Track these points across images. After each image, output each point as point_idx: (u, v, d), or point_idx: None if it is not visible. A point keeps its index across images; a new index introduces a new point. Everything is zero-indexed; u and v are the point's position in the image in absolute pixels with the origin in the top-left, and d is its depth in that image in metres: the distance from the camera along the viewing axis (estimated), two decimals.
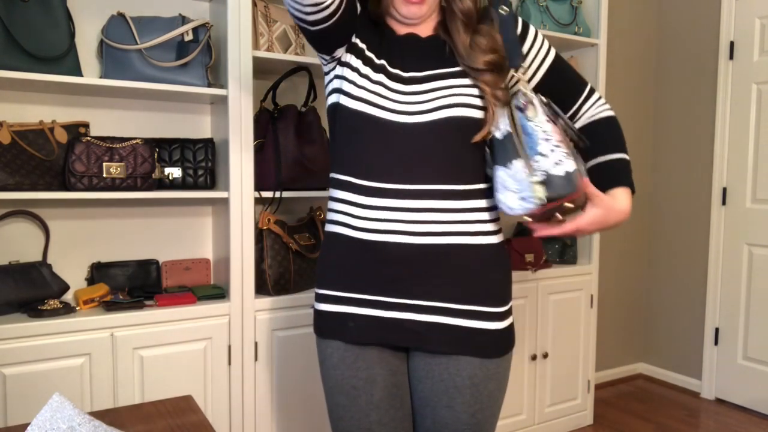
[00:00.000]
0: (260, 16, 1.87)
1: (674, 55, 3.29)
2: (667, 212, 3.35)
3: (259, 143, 1.87)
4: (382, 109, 1.08)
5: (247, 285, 1.80)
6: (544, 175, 0.97)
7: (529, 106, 1.01)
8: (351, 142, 1.11)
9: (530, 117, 1.00)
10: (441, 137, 1.08)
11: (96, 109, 1.83)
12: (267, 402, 1.85)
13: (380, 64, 1.11)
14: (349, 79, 1.11)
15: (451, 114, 1.07)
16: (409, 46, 1.14)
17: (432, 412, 1.14)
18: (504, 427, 2.41)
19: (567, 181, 0.97)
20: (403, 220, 1.06)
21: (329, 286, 1.16)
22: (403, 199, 1.06)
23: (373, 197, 1.07)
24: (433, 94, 1.09)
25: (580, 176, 0.99)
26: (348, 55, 1.14)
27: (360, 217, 1.09)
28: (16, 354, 1.50)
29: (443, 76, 1.10)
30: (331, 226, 1.17)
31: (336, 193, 1.14)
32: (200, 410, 1.08)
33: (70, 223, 1.82)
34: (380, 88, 1.09)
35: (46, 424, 0.81)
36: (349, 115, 1.10)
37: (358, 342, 1.13)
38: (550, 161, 0.97)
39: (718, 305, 3.09)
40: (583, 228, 1.08)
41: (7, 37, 1.52)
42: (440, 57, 1.13)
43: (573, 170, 0.96)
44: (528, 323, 2.43)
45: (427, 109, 1.08)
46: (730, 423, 2.81)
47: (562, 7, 2.52)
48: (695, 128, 3.20)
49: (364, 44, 1.14)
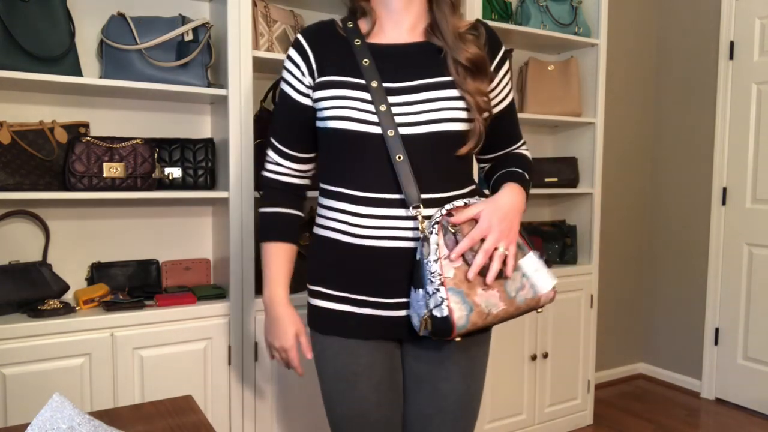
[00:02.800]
0: (260, 16, 1.87)
1: (674, 55, 3.29)
2: (667, 212, 3.35)
3: (259, 143, 1.87)
4: (367, 124, 1.10)
5: (247, 285, 1.80)
6: (429, 312, 1.03)
7: (425, 244, 1.05)
8: (343, 158, 1.14)
9: (424, 254, 1.04)
10: (428, 150, 1.11)
11: (96, 109, 1.83)
12: (267, 402, 1.85)
13: (357, 82, 1.12)
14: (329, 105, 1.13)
15: (437, 129, 1.11)
16: (397, 56, 1.15)
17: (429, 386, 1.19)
18: (504, 427, 2.41)
19: (444, 324, 1.02)
20: (398, 227, 1.10)
21: (327, 285, 1.18)
22: (396, 208, 1.10)
23: (369, 206, 1.11)
24: (423, 106, 1.10)
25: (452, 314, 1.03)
26: (319, 92, 1.15)
27: (357, 225, 1.12)
28: (16, 354, 1.50)
29: (433, 86, 1.12)
30: (324, 231, 1.19)
31: (329, 202, 1.17)
32: (200, 410, 1.08)
33: (70, 223, 1.82)
34: (363, 104, 1.10)
35: (46, 424, 0.81)
36: (338, 135, 1.12)
37: (359, 337, 1.16)
38: (432, 302, 1.03)
39: (718, 305, 3.09)
40: (483, 228, 1.07)
41: (7, 37, 1.52)
42: (431, 65, 1.13)
43: (447, 315, 1.01)
44: (528, 323, 2.43)
45: (417, 121, 1.10)
46: (730, 423, 2.81)
47: (562, 7, 2.52)
48: (695, 128, 3.20)
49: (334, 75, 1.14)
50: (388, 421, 1.19)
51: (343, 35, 1.17)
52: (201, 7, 1.95)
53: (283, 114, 1.22)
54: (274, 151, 1.25)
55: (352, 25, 1.18)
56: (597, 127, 2.63)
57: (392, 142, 1.08)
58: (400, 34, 1.17)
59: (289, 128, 1.22)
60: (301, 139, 1.22)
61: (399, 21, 1.16)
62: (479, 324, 1.04)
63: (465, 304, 1.02)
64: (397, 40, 1.16)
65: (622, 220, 3.31)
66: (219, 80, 1.87)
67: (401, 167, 1.08)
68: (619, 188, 3.27)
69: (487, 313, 1.05)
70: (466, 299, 1.03)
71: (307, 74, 1.17)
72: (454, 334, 1.03)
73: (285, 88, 1.20)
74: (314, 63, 1.16)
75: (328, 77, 1.14)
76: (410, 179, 1.08)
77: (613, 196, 3.22)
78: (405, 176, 1.08)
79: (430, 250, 1.04)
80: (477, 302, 1.04)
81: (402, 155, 1.08)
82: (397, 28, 1.17)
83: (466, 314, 1.02)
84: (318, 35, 1.18)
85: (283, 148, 1.23)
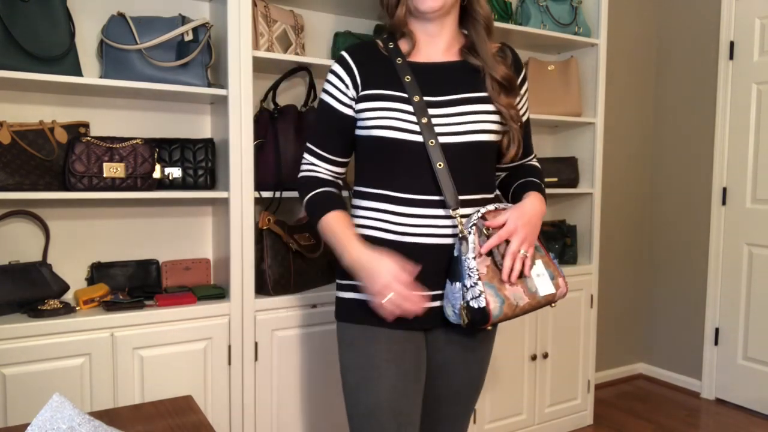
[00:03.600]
0: (260, 16, 1.87)
1: (674, 55, 3.29)
2: (667, 212, 3.35)
3: (259, 143, 1.87)
4: (410, 133, 1.22)
5: (247, 285, 1.80)
6: (466, 303, 1.17)
7: (463, 243, 1.19)
8: (386, 163, 1.25)
9: (462, 252, 1.18)
10: (464, 157, 1.24)
11: (96, 109, 1.83)
12: (267, 402, 1.85)
13: (401, 95, 1.24)
14: (375, 116, 1.24)
15: (476, 139, 1.25)
16: (436, 73, 1.28)
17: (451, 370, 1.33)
18: (504, 427, 2.41)
19: (481, 314, 1.15)
20: (436, 225, 1.23)
21: None
22: (435, 208, 1.22)
23: (410, 207, 1.23)
24: (461, 118, 1.24)
25: None
26: (363, 104, 1.27)
27: (398, 224, 1.24)
28: (16, 354, 1.50)
29: (470, 100, 1.25)
30: (364, 230, 1.28)
31: (368, 203, 1.28)
32: (200, 410, 1.08)
33: (70, 223, 1.82)
34: (407, 115, 1.22)
35: (46, 424, 0.81)
36: (384, 144, 1.24)
37: (391, 326, 1.23)
38: (470, 294, 1.16)
39: (718, 305, 3.09)
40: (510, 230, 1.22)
41: (7, 37, 1.52)
42: (468, 81, 1.27)
43: (483, 306, 1.15)
44: (528, 323, 2.43)
45: (456, 131, 1.23)
46: (730, 423, 2.81)
47: (562, 7, 2.52)
48: (695, 128, 3.20)
49: (378, 89, 1.26)
50: (408, 414, 1.24)
51: (385, 54, 1.30)
52: (201, 7, 1.95)
53: (322, 122, 1.34)
54: (310, 154, 1.36)
55: (393, 45, 1.30)
56: (597, 127, 2.63)
57: (433, 151, 1.21)
58: (436, 53, 1.30)
59: (328, 135, 1.33)
60: (339, 146, 1.33)
61: (435, 42, 1.30)
62: (509, 315, 1.18)
63: (498, 297, 1.17)
64: (434, 59, 1.30)
65: (622, 220, 3.31)
66: (219, 80, 1.87)
67: (441, 173, 1.21)
68: (619, 188, 3.27)
69: (516, 305, 1.19)
70: (498, 293, 1.17)
71: (351, 87, 1.28)
72: (490, 323, 1.16)
73: (327, 99, 1.32)
74: (359, 78, 1.28)
75: (373, 90, 1.26)
76: (449, 184, 1.21)
77: (613, 196, 3.22)
78: (445, 181, 1.20)
79: (469, 248, 1.18)
80: (507, 295, 1.18)
81: (442, 163, 1.21)
82: (434, 49, 1.30)
83: (499, 305, 1.17)
84: (362, 53, 1.31)
85: (321, 151, 1.34)
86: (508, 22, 2.41)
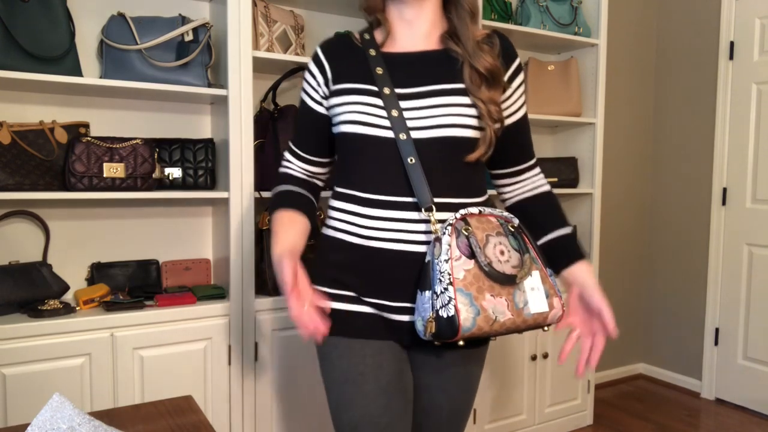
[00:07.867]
0: (260, 16, 1.87)
1: (674, 55, 3.29)
2: (667, 212, 3.35)
3: (259, 143, 1.87)
4: (380, 128, 1.12)
5: (247, 285, 1.80)
6: (435, 313, 1.02)
7: (436, 244, 1.05)
8: (355, 161, 1.17)
9: (435, 254, 1.04)
10: (439, 154, 1.12)
11: (96, 109, 1.83)
12: (267, 402, 1.85)
13: (370, 89, 1.15)
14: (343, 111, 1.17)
15: (450, 134, 1.12)
16: (411, 64, 1.17)
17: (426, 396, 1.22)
18: (504, 427, 2.41)
19: (449, 324, 1.00)
20: (407, 230, 1.11)
21: (332, 285, 1.18)
22: (407, 211, 1.11)
23: (378, 209, 1.13)
24: (434, 111, 1.12)
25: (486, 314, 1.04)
26: (333, 99, 1.19)
27: (364, 226, 1.14)
28: (16, 354, 1.50)
29: (445, 92, 1.13)
30: (332, 231, 1.20)
31: (338, 203, 1.20)
32: (200, 410, 1.08)
33: (70, 223, 1.82)
34: (375, 109, 1.13)
35: (46, 424, 0.81)
36: (351, 139, 1.16)
37: (364, 337, 1.15)
38: (439, 302, 1.02)
39: (718, 305, 3.09)
40: (580, 324, 1.21)
41: (7, 37, 1.52)
42: (444, 72, 1.15)
43: (453, 314, 1.00)
44: None
45: (426, 125, 1.12)
46: (730, 423, 2.81)
47: (562, 7, 2.52)
48: (695, 128, 3.20)
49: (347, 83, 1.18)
50: (393, 428, 1.14)
51: (359, 46, 1.21)
52: (201, 7, 1.95)
53: (298, 120, 1.30)
54: (288, 151, 1.32)
55: (368, 36, 1.22)
56: (597, 127, 2.63)
57: (404, 146, 1.11)
58: (414, 42, 1.19)
59: (303, 133, 1.29)
60: (316, 145, 1.28)
61: (413, 29, 1.19)
62: (485, 329, 1.03)
63: (472, 307, 1.01)
64: (411, 48, 1.19)
65: (622, 220, 3.31)
66: (219, 80, 1.87)
67: (413, 170, 1.10)
68: (619, 188, 3.27)
69: (494, 320, 1.03)
70: (474, 302, 1.01)
71: (323, 84, 1.22)
72: (459, 336, 1.01)
73: (303, 97, 1.27)
74: (330, 73, 1.21)
75: (342, 85, 1.18)
76: (422, 181, 1.09)
77: (613, 196, 3.22)
78: (417, 178, 1.10)
79: (442, 251, 1.04)
80: (484, 306, 1.02)
81: (414, 158, 1.10)
82: (412, 36, 1.19)
83: (472, 317, 1.00)
84: (335, 47, 1.24)
85: (298, 150, 1.30)
86: (508, 22, 2.41)
